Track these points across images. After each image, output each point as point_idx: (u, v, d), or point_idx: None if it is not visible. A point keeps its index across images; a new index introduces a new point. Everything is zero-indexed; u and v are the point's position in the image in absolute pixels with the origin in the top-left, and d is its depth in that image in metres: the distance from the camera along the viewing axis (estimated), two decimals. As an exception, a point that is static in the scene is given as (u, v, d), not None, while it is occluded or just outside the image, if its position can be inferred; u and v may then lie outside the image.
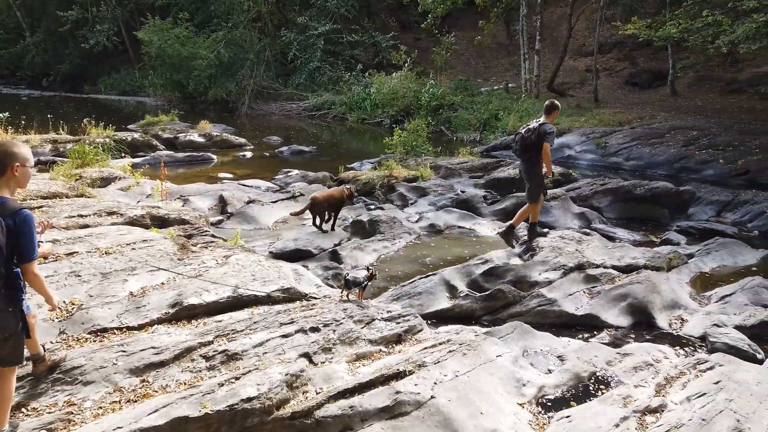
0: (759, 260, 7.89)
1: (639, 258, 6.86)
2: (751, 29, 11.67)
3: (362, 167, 13.84)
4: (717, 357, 4.73)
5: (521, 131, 6.88)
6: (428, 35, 30.44)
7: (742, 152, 13.93)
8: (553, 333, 5.49)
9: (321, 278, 6.38)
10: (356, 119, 24.70)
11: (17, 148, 2.99)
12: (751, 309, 5.97)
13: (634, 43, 29.22)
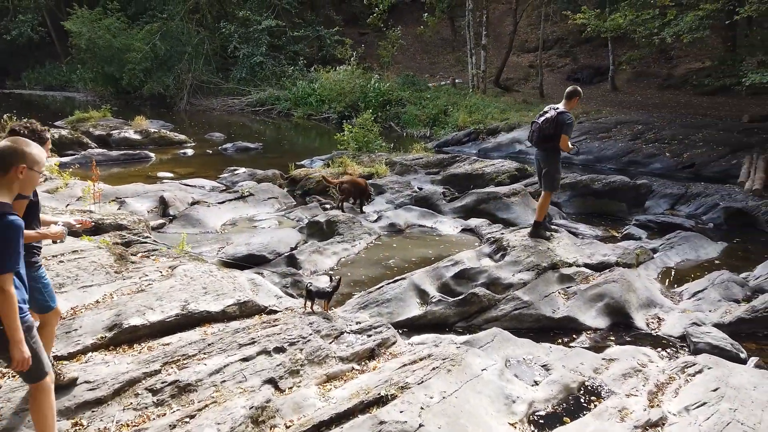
0: (720, 253, 7.90)
1: (610, 255, 6.67)
2: (695, 19, 11.84)
3: (313, 164, 13.25)
4: (703, 359, 4.52)
5: (537, 120, 6.46)
6: (374, 30, 30.03)
7: (686, 145, 14.24)
8: (532, 338, 5.16)
9: (280, 287, 5.81)
10: (302, 115, 23.97)
11: (29, 148, 2.62)
12: (725, 305, 5.86)
13: (575, 39, 29.91)
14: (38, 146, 2.72)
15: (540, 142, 6.50)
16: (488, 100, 20.67)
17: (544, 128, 6.34)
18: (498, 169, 11.20)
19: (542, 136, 6.40)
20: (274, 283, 5.93)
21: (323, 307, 4.91)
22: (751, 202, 9.65)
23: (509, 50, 24.64)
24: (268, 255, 6.89)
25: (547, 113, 6.40)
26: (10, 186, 2.58)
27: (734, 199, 9.93)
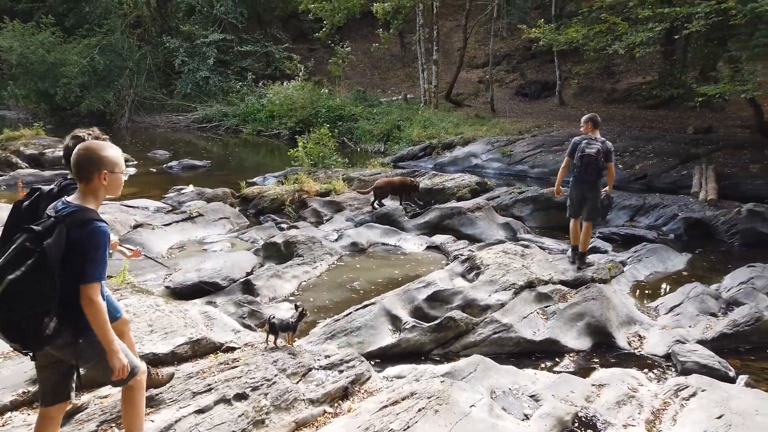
0: (686, 264, 7.83)
1: (584, 270, 6.42)
2: (646, 36, 12.07)
3: (266, 182, 12.65)
4: (695, 380, 4.28)
5: (588, 151, 6.21)
6: (323, 45, 29.73)
7: (638, 157, 14.48)
8: (514, 364, 4.82)
9: (236, 318, 5.25)
10: (251, 131, 23.26)
11: (105, 152, 2.52)
12: (704, 319, 5.69)
13: (522, 55, 30.56)
14: (113, 146, 2.60)
15: (593, 175, 6.34)
16: (441, 115, 20.62)
17: (598, 158, 6.19)
18: (459, 184, 10.94)
19: (597, 167, 6.27)
20: (229, 314, 5.35)
21: (287, 340, 4.40)
22: (708, 213, 9.73)
23: (460, 66, 24.78)
24: (221, 282, 6.29)
25: (592, 144, 6.24)
26: (96, 194, 2.51)
27: (691, 209, 10.00)
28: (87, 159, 2.48)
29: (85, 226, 2.38)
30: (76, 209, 2.42)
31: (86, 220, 2.40)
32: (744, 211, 9.05)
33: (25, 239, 2.31)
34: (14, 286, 2.23)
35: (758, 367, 4.92)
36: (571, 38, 14.02)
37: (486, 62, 28.63)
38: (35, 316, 2.28)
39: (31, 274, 2.25)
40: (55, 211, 2.42)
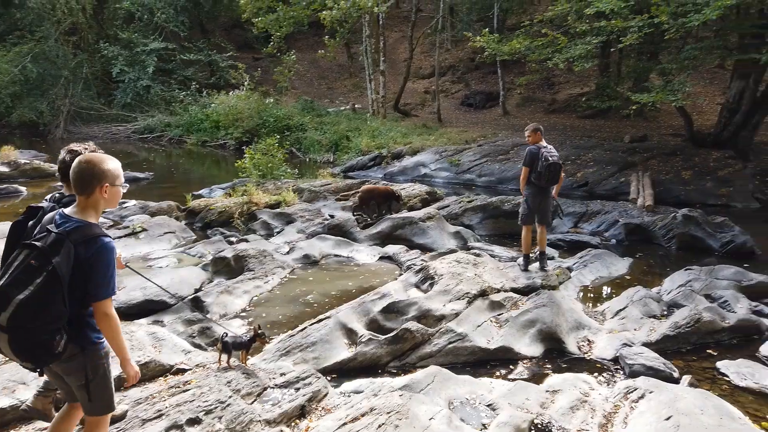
0: (629, 269, 8.13)
1: (534, 278, 6.57)
2: (584, 50, 12.57)
3: (213, 194, 12.34)
4: (643, 382, 4.42)
5: (551, 159, 6.40)
6: (268, 55, 29.38)
7: (579, 165, 15.01)
8: (470, 373, 4.86)
9: (186, 338, 5.06)
10: (196, 142, 22.73)
11: (107, 165, 2.53)
12: (648, 322, 5.91)
13: (466, 66, 31.24)
14: (114, 159, 2.61)
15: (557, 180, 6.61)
16: (390, 125, 20.77)
17: (559, 164, 6.46)
18: (409, 193, 11.02)
19: (558, 172, 6.53)
20: (178, 333, 5.16)
21: (241, 359, 4.27)
22: (647, 218, 10.15)
23: (406, 76, 25.07)
24: (168, 299, 6.05)
25: (553, 150, 6.52)
26: (96, 207, 2.51)
27: (631, 215, 10.42)
28: (89, 172, 2.47)
29: (93, 243, 2.38)
30: (79, 224, 2.40)
31: (93, 237, 2.39)
32: (679, 216, 9.49)
33: (28, 256, 2.29)
34: (25, 306, 2.22)
35: (699, 366, 5.15)
36: (513, 49, 14.43)
37: (432, 73, 29.13)
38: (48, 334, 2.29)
39: (42, 293, 2.25)
40: (56, 225, 2.38)
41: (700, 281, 6.89)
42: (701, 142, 15.75)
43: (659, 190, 12.65)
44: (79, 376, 2.52)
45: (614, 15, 12.00)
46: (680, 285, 6.92)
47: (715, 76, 25.31)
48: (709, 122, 18.33)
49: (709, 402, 4.02)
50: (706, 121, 18.95)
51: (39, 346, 2.30)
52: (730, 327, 5.67)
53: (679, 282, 7.03)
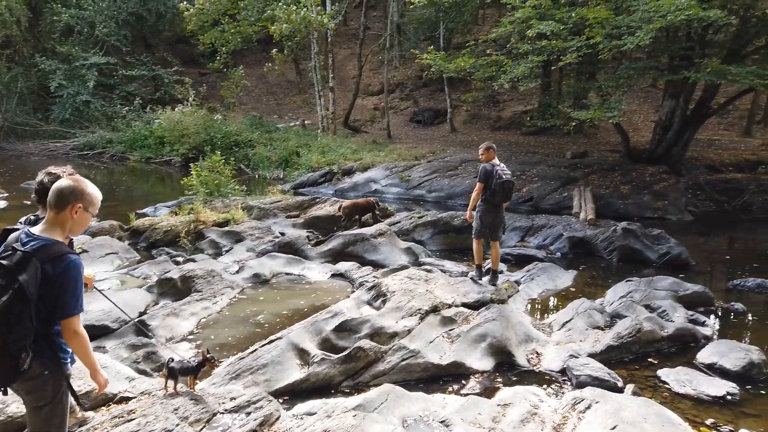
0: (573, 281, 8.41)
1: (483, 292, 6.68)
2: (527, 69, 13.04)
3: (157, 212, 12.00)
4: (589, 392, 4.55)
5: (505, 177, 6.56)
6: (215, 70, 29.02)
7: (524, 181, 15.45)
8: (423, 389, 4.89)
9: (130, 363, 4.86)
10: (139, 158, 22.08)
11: (88, 188, 2.58)
12: (593, 333, 6.12)
13: (414, 84, 31.75)
14: (95, 188, 2.63)
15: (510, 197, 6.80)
16: (340, 141, 20.80)
17: (513, 182, 6.65)
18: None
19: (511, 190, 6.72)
20: (121, 359, 4.96)
21: (189, 384, 4.14)
22: (589, 231, 10.54)
23: (356, 93, 25.25)
24: (111, 324, 5.82)
25: (506, 168, 6.70)
26: (63, 225, 2.52)
27: (574, 229, 10.79)
28: (69, 189, 2.51)
29: (60, 261, 2.38)
30: (46, 242, 2.40)
31: (60, 255, 2.39)
32: (619, 230, 9.90)
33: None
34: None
35: (642, 375, 5.35)
36: (459, 67, 14.79)
37: (381, 90, 29.46)
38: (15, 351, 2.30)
39: (8, 310, 2.25)
40: (21, 244, 2.39)
41: (640, 292, 7.19)
42: (637, 158, 16.55)
43: (600, 204, 13.17)
44: (38, 396, 2.51)
45: (554, 36, 12.52)
46: (622, 296, 7.20)
47: (649, 95, 26.72)
48: (644, 139, 19.28)
49: (651, 410, 4.18)
50: (641, 137, 19.93)
51: (4, 364, 2.31)
52: (668, 336, 5.93)
53: (621, 293, 7.31)
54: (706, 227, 13.03)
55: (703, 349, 5.73)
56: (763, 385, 5.13)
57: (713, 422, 4.47)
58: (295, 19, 18.73)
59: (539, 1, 13.25)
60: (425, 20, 24.59)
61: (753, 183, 15.55)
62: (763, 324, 6.93)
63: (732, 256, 10.92)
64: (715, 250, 11.09)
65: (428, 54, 15.83)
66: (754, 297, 7.92)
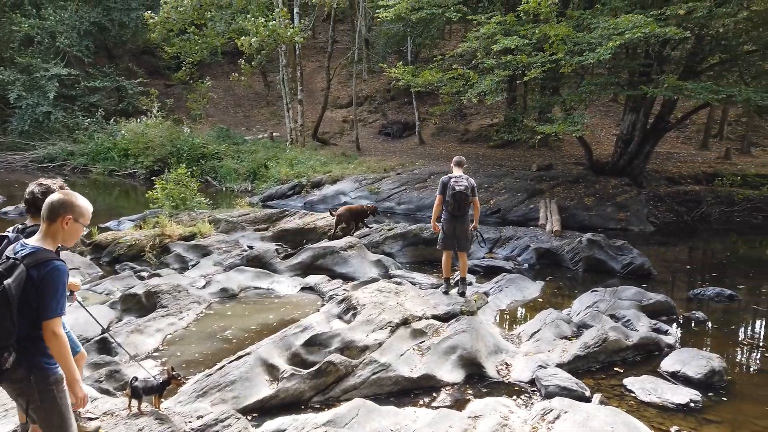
0: (541, 292, 8.53)
1: (453, 304, 6.71)
2: (493, 83, 13.29)
3: (121, 226, 11.72)
4: (558, 403, 4.61)
5: (458, 188, 6.58)
6: (181, 82, 28.72)
7: (492, 193, 15.66)
8: (394, 403, 4.86)
9: (92, 383, 4.71)
10: (102, 171, 21.57)
11: (78, 201, 2.79)
12: (560, 343, 6.20)
13: (383, 97, 31.98)
14: (86, 200, 2.83)
15: (463, 208, 6.73)
16: (309, 154, 20.74)
17: (466, 194, 6.63)
18: (330, 223, 10.97)
19: (467, 203, 6.72)
20: (83, 379, 4.78)
21: (154, 403, 4.03)
22: (555, 243, 10.72)
23: (324, 105, 25.26)
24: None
25: (460, 180, 6.64)
26: (54, 235, 2.70)
27: (541, 240, 10.96)
28: (60, 201, 2.70)
29: (45, 265, 2.56)
30: (34, 250, 2.60)
31: (45, 260, 2.58)
32: (584, 241, 10.11)
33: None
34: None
35: (608, 384, 5.45)
36: (427, 81, 14.96)
37: (350, 102, 29.53)
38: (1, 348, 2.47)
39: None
40: (14, 252, 2.60)
41: (605, 302, 7.34)
42: (600, 171, 16.97)
43: (565, 215, 13.43)
44: (28, 399, 2.61)
45: (519, 51, 12.80)
46: (588, 306, 7.34)
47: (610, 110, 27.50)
48: (606, 152, 19.81)
49: (618, 419, 4.25)
50: (603, 150, 20.46)
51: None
52: (633, 345, 6.06)
53: (587, 303, 7.45)
54: (666, 238, 13.43)
55: (667, 358, 5.87)
56: (725, 392, 5.29)
57: (677, 429, 4.58)
58: (263, 32, 18.67)
59: (504, 18, 13.56)
60: (393, 35, 24.86)
61: (710, 195, 16.13)
62: (723, 332, 7.16)
63: (692, 266, 11.28)
64: (675, 260, 11.43)
65: (396, 68, 15.98)
66: (714, 305, 8.18)
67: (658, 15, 11.79)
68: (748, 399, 5.21)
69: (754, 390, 5.41)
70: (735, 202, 16.01)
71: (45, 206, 2.71)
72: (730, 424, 4.71)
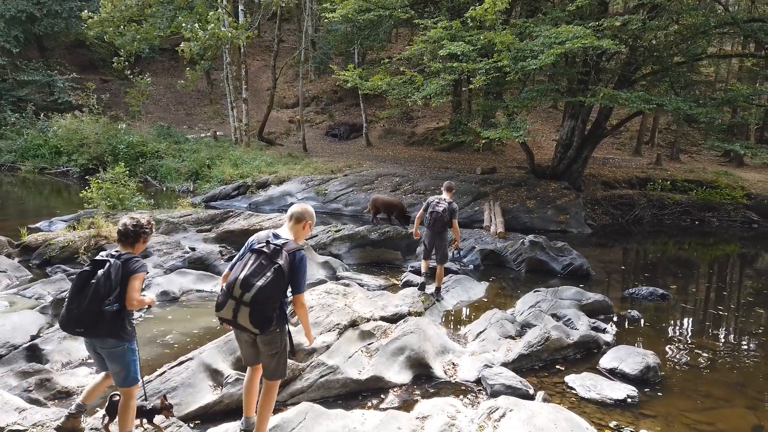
0: (486, 292, 8.70)
1: (401, 305, 6.74)
2: (438, 86, 13.47)
3: (53, 227, 11.11)
4: (503, 401, 4.68)
5: (436, 209, 7.50)
6: (119, 77, 27.59)
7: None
8: (342, 406, 4.81)
9: (19, 393, 4.42)
10: (32, 169, 20.41)
11: (311, 210, 3.80)
12: (505, 342, 6.33)
13: (330, 98, 31.82)
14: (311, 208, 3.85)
15: (438, 226, 7.52)
16: (254, 153, 20.35)
17: (443, 215, 7.47)
18: (277, 224, 10.79)
19: (442, 222, 7.50)
20: (9, 388, 4.50)
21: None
22: (499, 244, 10.96)
23: (270, 105, 24.85)
24: (-3, 350, 5.27)
25: (440, 204, 7.54)
26: (299, 233, 3.69)
27: (485, 241, 11.17)
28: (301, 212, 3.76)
29: (297, 254, 3.45)
30: (287, 241, 3.50)
31: (297, 248, 3.48)
32: (527, 242, 10.39)
33: (258, 257, 3.39)
34: (262, 289, 3.29)
35: (551, 382, 5.60)
36: (375, 85, 15.01)
37: (296, 102, 29.25)
38: (271, 311, 3.40)
39: (272, 282, 3.31)
40: (275, 237, 3.50)
41: (547, 302, 7.56)
42: (541, 174, 17.51)
43: (508, 217, 13.77)
44: (273, 346, 3.55)
45: (464, 57, 13.02)
46: (531, 306, 7.53)
47: (550, 116, 28.47)
48: (547, 156, 20.47)
49: (561, 416, 4.37)
50: (544, 155, 21.14)
51: (266, 318, 3.36)
52: (574, 343, 6.26)
53: (530, 303, 7.65)
54: (603, 239, 14.00)
55: (605, 355, 6.10)
56: (659, 387, 5.55)
57: (616, 424, 4.76)
58: (203, 36, 18.16)
59: (450, 23, 13.76)
60: (340, 35, 24.75)
61: (643, 198, 16.95)
62: (656, 329, 7.51)
63: (626, 266, 11.81)
64: (611, 261, 11.92)
65: (346, 71, 15.93)
66: (647, 304, 8.58)
67: (596, 26, 12.27)
68: (680, 393, 5.48)
69: (686, 385, 5.69)
70: (666, 206, 16.90)
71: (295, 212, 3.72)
72: (665, 418, 4.93)
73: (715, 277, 11.36)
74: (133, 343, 3.56)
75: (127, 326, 3.46)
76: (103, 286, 3.28)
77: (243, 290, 3.27)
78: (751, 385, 5.79)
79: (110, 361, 3.51)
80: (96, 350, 3.54)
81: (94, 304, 3.27)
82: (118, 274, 3.34)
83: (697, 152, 26.65)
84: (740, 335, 7.57)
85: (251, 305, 3.27)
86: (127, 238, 3.57)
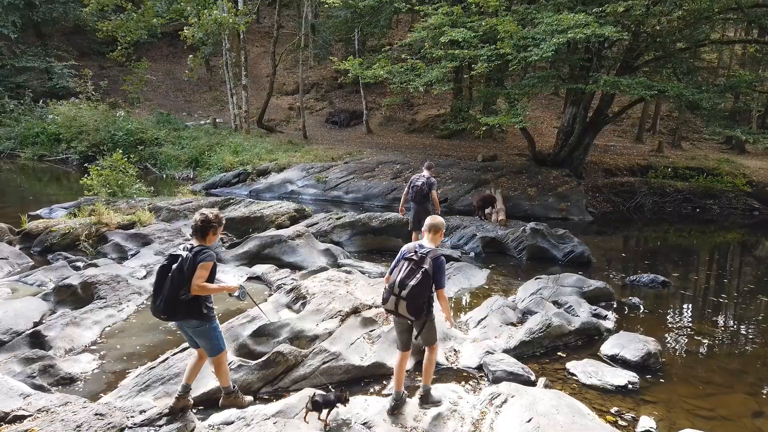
0: (487, 279, 8.70)
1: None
2: (441, 73, 13.38)
3: (53, 214, 11.09)
4: (505, 387, 4.70)
5: (416, 184, 8.71)
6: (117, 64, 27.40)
7: (439, 183, 15.76)
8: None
9: (23, 379, 4.44)
10: (32, 156, 20.36)
11: (442, 220, 4.54)
12: (506, 329, 6.35)
13: (330, 85, 31.62)
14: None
15: (420, 198, 8.66)
16: (254, 141, 20.28)
17: (422, 188, 8.63)
18: (277, 211, 10.79)
19: (421, 194, 8.65)
20: (14, 374, 4.52)
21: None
22: (500, 232, 10.94)
23: (270, 92, 24.71)
24: (0, 337, 5.28)
25: (419, 180, 8.70)
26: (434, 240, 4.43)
27: (486, 229, 11.16)
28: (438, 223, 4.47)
29: (438, 259, 4.20)
30: (431, 249, 4.26)
31: (438, 255, 4.23)
32: (528, 230, 10.38)
33: (409, 263, 4.18)
34: (413, 287, 4.07)
35: (552, 368, 5.63)
36: (376, 74, 14.90)
37: (296, 89, 29.08)
38: (422, 304, 4.16)
39: (421, 281, 4.08)
40: (420, 247, 4.27)
41: (549, 289, 7.57)
42: (543, 162, 17.46)
43: (509, 205, 13.74)
44: (419, 326, 4.34)
45: (466, 44, 12.92)
46: (532, 293, 7.54)
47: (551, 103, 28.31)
48: (548, 144, 20.38)
49: (562, 401, 4.39)
50: (545, 142, 21.04)
51: (419, 309, 4.14)
52: (575, 330, 6.28)
53: (531, 290, 7.66)
54: (604, 227, 13.99)
55: (606, 342, 6.12)
56: (661, 373, 5.57)
57: (617, 410, 4.78)
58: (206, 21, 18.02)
59: (451, 9, 13.64)
60: (341, 21, 24.55)
61: (644, 186, 16.92)
62: (656, 316, 7.52)
63: (627, 254, 11.80)
64: (612, 248, 11.92)
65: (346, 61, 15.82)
66: (647, 291, 8.59)
67: (598, 12, 12.15)
68: (681, 380, 5.50)
69: (686, 371, 5.72)
70: (667, 193, 16.87)
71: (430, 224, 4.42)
72: (665, 404, 4.96)
73: (716, 265, 11.37)
74: (213, 321, 4.02)
75: (204, 309, 3.89)
76: (177, 279, 3.74)
77: (401, 288, 4.11)
78: (751, 372, 5.82)
79: (197, 338, 4.03)
80: (184, 329, 4.08)
81: (171, 294, 3.73)
82: (189, 265, 3.75)
83: (699, 139, 26.58)
84: (741, 322, 7.59)
85: (407, 299, 4.09)
86: (197, 232, 3.95)
